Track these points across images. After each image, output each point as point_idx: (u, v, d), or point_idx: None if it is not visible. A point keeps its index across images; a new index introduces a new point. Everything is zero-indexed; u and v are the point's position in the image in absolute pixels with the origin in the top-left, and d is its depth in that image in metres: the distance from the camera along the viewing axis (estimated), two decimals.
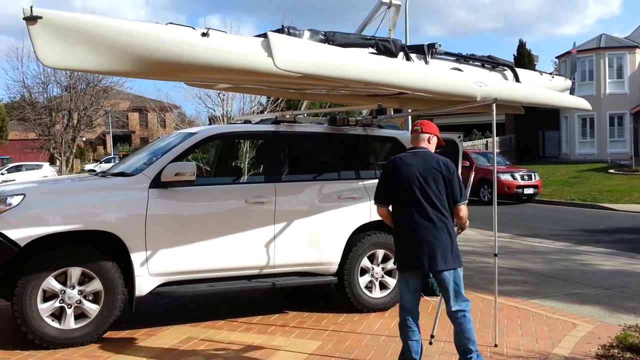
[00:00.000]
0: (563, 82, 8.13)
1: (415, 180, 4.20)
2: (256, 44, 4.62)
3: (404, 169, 4.26)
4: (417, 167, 4.24)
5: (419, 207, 4.18)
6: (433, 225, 4.16)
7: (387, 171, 4.39)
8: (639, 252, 10.80)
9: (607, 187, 23.01)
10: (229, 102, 15.43)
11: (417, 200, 4.19)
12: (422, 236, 4.16)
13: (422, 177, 4.21)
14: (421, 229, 4.16)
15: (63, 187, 5.76)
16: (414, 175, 4.21)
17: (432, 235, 4.16)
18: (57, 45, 3.96)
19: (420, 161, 4.28)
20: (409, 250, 4.23)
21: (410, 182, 4.21)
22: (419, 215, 4.18)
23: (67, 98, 28.92)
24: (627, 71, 33.29)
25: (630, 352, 5.05)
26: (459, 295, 4.29)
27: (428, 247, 4.15)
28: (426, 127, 4.52)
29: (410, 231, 4.21)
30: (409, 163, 4.28)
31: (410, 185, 4.20)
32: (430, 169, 4.23)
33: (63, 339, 4.99)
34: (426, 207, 4.17)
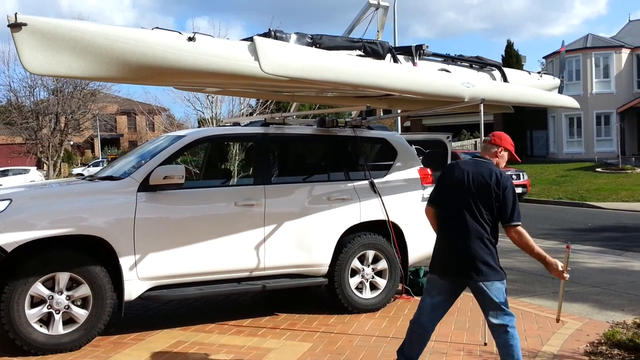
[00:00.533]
0: (551, 81, 8.18)
1: (461, 187, 4.06)
2: (243, 48, 4.62)
3: (456, 173, 4.13)
4: (468, 174, 4.08)
5: (459, 214, 4.04)
6: (469, 234, 3.99)
7: (443, 173, 4.28)
8: (626, 250, 10.89)
9: (595, 186, 23.22)
10: (218, 104, 15.40)
11: (459, 207, 4.04)
12: (456, 244, 4.02)
13: (469, 184, 4.04)
14: (457, 236, 4.03)
15: (50, 192, 5.72)
16: (462, 182, 4.06)
17: (466, 244, 3.99)
18: (42, 52, 3.95)
19: (474, 169, 4.11)
20: (443, 254, 4.12)
21: (457, 187, 4.07)
22: (458, 222, 4.03)
23: (54, 102, 28.73)
24: (614, 71, 33.60)
25: (618, 348, 5.10)
26: (499, 309, 4.03)
27: (459, 255, 4.01)
28: (495, 139, 4.30)
29: (447, 236, 4.11)
30: (462, 169, 4.13)
31: (456, 191, 4.08)
32: (479, 179, 4.05)
33: (51, 345, 4.95)
34: (466, 215, 4.01)
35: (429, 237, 6.79)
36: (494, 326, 4.06)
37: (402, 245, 6.55)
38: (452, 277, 4.08)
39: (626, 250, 10.92)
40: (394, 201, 6.51)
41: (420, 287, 7.01)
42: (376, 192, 6.41)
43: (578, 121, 33.95)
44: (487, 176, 4.05)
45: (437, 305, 4.18)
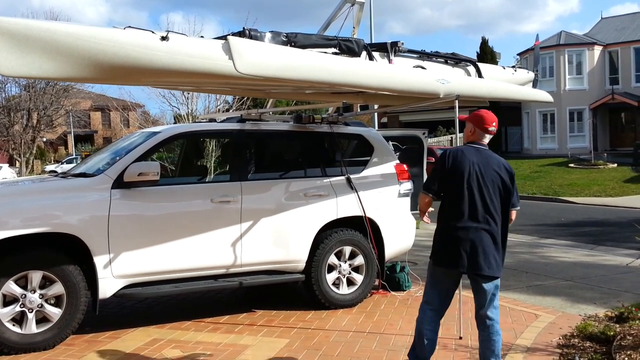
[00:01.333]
0: (526, 75, 8.28)
1: (474, 178, 4.02)
2: (217, 47, 4.60)
3: (465, 164, 4.04)
4: (478, 165, 4.05)
5: (471, 206, 4.00)
6: (482, 227, 3.99)
7: (446, 162, 4.11)
8: (598, 244, 11.09)
9: (568, 181, 23.60)
10: (194, 100, 15.28)
11: (472, 199, 4.00)
12: (468, 236, 3.98)
13: (481, 176, 4.03)
14: (469, 229, 3.99)
15: (23, 189, 5.63)
16: (474, 173, 4.02)
17: (479, 237, 3.97)
18: (13, 54, 3.89)
19: (482, 159, 4.09)
20: (451, 247, 4.05)
21: (469, 179, 4.02)
22: (470, 214, 4.00)
23: (26, 97, 28.22)
24: (586, 67, 34.15)
25: (590, 341, 5.19)
26: (493, 304, 4.12)
27: (472, 248, 3.97)
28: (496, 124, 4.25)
29: (456, 228, 4.03)
30: (471, 159, 4.06)
31: (468, 183, 4.02)
32: (490, 170, 4.06)
33: (25, 344, 4.88)
34: (479, 207, 3.99)
35: (405, 232, 6.89)
36: (486, 318, 4.10)
37: (379, 241, 6.58)
38: (462, 269, 4.04)
39: (598, 244, 11.11)
40: (371, 197, 6.54)
41: (397, 282, 7.07)
42: (353, 188, 6.43)
43: (552, 117, 34.44)
44: (497, 167, 4.08)
45: (445, 298, 4.20)
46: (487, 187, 4.03)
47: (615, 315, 5.97)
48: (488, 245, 4.00)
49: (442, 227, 4.16)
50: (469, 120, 4.32)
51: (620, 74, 34.11)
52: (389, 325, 5.77)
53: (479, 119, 4.24)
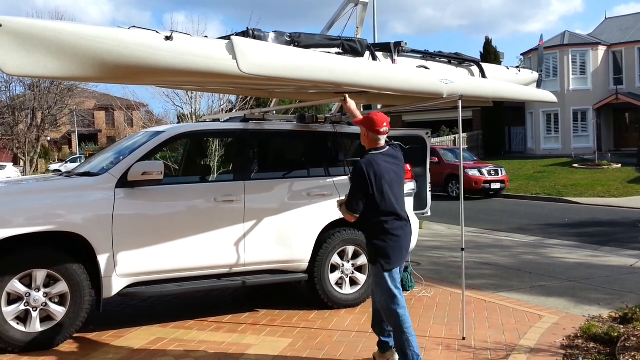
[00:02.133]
0: (530, 75, 8.25)
1: (392, 180, 4.39)
2: (221, 47, 4.60)
3: (384, 168, 4.34)
4: (392, 168, 4.41)
5: (401, 206, 4.42)
6: (407, 223, 4.47)
7: (370, 171, 4.28)
8: (602, 245, 11.07)
9: (572, 182, 23.55)
10: (197, 100, 15.27)
11: (396, 201, 4.37)
12: (406, 233, 4.43)
13: (398, 176, 4.46)
14: (405, 228, 4.42)
15: (27, 188, 5.65)
16: (393, 175, 4.40)
17: (408, 232, 4.47)
18: (18, 53, 3.90)
19: (395, 162, 4.49)
20: (401, 247, 4.41)
21: (391, 181, 4.35)
22: (402, 215, 4.39)
23: (30, 97, 28.26)
24: (590, 67, 34.06)
25: (594, 342, 5.18)
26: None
27: (407, 243, 4.49)
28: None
29: (401, 230, 4.37)
30: (384, 167, 4.35)
31: (389, 188, 4.32)
32: (399, 170, 4.50)
33: (28, 343, 4.89)
34: (401, 207, 4.43)
35: None
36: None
37: None
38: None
39: (602, 245, 11.09)
40: None
41: (401, 281, 7.05)
42: None
43: (555, 117, 34.36)
44: (396, 165, 4.50)
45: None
46: (398, 186, 4.42)
47: (619, 316, 5.96)
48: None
49: (389, 233, 4.32)
50: (361, 124, 4.52)
51: (624, 74, 34.01)
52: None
53: (370, 122, 4.43)
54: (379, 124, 4.39)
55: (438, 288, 7.29)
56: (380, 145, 4.44)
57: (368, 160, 4.34)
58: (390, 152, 4.47)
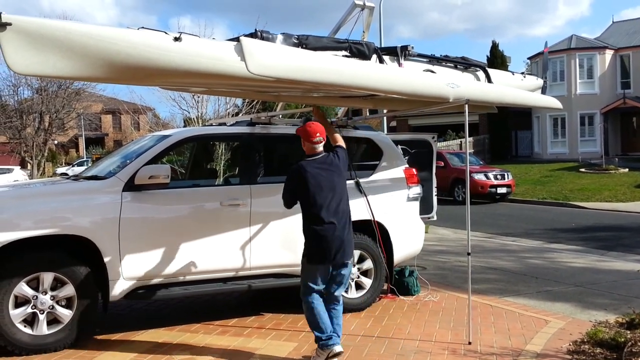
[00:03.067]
0: (535, 82, 8.25)
1: (317, 187, 4.77)
2: (229, 48, 4.61)
3: (311, 178, 4.77)
4: (323, 176, 4.81)
5: (330, 211, 4.81)
6: (333, 226, 4.81)
7: (296, 179, 4.82)
8: (609, 250, 11.02)
9: (578, 186, 23.45)
10: (203, 104, 15.31)
11: (330, 205, 4.81)
12: (330, 237, 4.75)
13: (323, 182, 4.80)
14: (329, 231, 4.77)
15: (35, 191, 5.68)
16: (316, 183, 4.78)
17: (333, 235, 4.78)
18: (27, 52, 3.91)
19: (328, 168, 4.87)
20: (323, 249, 4.76)
21: (315, 189, 4.75)
22: (326, 219, 4.75)
23: (38, 101, 28.43)
24: (597, 71, 33.95)
25: (600, 347, 5.16)
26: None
27: (332, 245, 4.75)
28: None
29: (323, 232, 4.74)
30: (316, 173, 4.78)
31: (314, 192, 4.76)
32: (332, 176, 4.86)
33: (36, 345, 4.92)
34: (331, 209, 4.82)
35: (414, 237, 6.89)
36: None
37: (388, 245, 6.58)
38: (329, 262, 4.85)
39: (609, 250, 11.04)
40: (380, 201, 6.54)
41: (406, 286, 7.06)
42: (362, 192, 6.44)
43: (562, 122, 34.26)
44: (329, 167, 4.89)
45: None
46: (329, 191, 4.75)
47: (626, 321, 5.93)
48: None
49: (306, 232, 4.84)
50: (299, 134, 4.98)
51: (631, 78, 33.87)
52: (397, 329, 5.77)
53: (305, 133, 4.90)
54: (312, 134, 4.86)
55: (444, 292, 7.28)
56: (315, 152, 4.88)
57: (298, 166, 4.84)
58: (324, 159, 4.88)
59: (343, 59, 5.52)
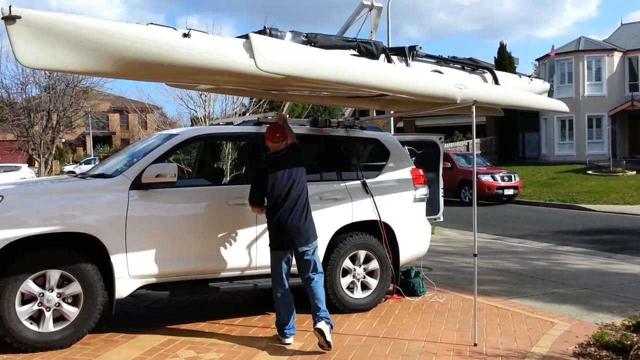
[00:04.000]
0: (541, 85, 8.23)
1: (276, 181, 5.30)
2: (238, 45, 4.61)
3: (269, 170, 5.32)
4: (282, 170, 5.33)
5: (287, 201, 5.34)
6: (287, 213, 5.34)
7: (259, 172, 5.41)
8: (616, 252, 10.97)
9: (585, 188, 23.34)
10: (211, 103, 15.34)
11: (284, 195, 5.34)
12: (284, 224, 5.29)
13: (281, 177, 5.33)
14: (283, 219, 5.31)
15: (42, 189, 5.70)
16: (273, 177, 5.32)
17: (287, 223, 5.31)
18: (36, 45, 3.92)
19: (286, 163, 5.39)
20: (279, 233, 5.30)
21: (273, 183, 5.28)
22: (280, 207, 5.29)
23: (46, 99, 28.52)
24: (606, 74, 33.78)
25: (606, 350, 5.14)
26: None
27: (286, 231, 5.27)
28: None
29: (278, 219, 5.29)
30: (274, 167, 5.32)
31: (272, 186, 5.29)
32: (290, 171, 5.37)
33: (42, 342, 4.94)
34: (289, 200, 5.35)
35: (420, 237, 6.87)
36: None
37: (394, 246, 6.57)
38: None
39: (616, 252, 10.99)
40: (386, 201, 6.53)
41: (412, 287, 7.05)
42: (368, 192, 6.44)
43: (570, 123, 34.10)
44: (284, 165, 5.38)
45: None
46: (286, 183, 5.26)
47: (632, 324, 5.90)
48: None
49: (268, 219, 5.38)
50: (265, 135, 5.54)
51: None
52: (403, 330, 5.76)
53: (267, 134, 5.51)
54: (269, 136, 5.47)
55: (450, 294, 7.26)
56: (276, 150, 5.43)
57: (261, 162, 5.58)
58: (284, 155, 5.40)
59: (352, 58, 5.51)
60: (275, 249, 5.32)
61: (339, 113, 32.95)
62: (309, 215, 5.36)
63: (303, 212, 5.29)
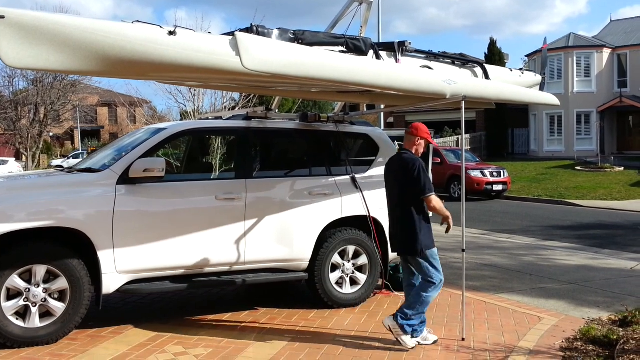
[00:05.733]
0: (533, 78, 8.24)
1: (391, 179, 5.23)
2: (224, 43, 4.58)
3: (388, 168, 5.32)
4: (393, 168, 5.25)
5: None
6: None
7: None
8: (603, 248, 11.05)
9: (574, 184, 23.51)
10: (200, 97, 15.28)
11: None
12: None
13: (395, 176, 5.22)
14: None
15: (29, 183, 5.64)
16: (391, 175, 5.25)
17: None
18: (20, 45, 3.88)
19: (397, 162, 5.23)
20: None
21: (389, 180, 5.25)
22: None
23: (33, 92, 28.32)
24: (595, 70, 34.00)
25: (593, 344, 5.17)
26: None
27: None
28: (413, 130, 5.26)
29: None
30: (390, 164, 5.31)
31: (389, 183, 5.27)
32: (397, 169, 5.19)
33: (28, 338, 4.90)
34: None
35: None
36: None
37: (383, 241, 6.58)
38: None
39: (603, 247, 11.08)
40: (375, 197, 6.52)
41: (400, 282, 7.04)
42: (357, 188, 6.43)
43: (559, 120, 34.31)
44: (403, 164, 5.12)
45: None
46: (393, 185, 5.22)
47: (619, 319, 5.95)
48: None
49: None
50: (419, 131, 5.30)
51: (628, 77, 33.94)
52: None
53: (425, 131, 5.32)
54: (427, 132, 5.35)
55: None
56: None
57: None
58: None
59: (339, 55, 5.50)
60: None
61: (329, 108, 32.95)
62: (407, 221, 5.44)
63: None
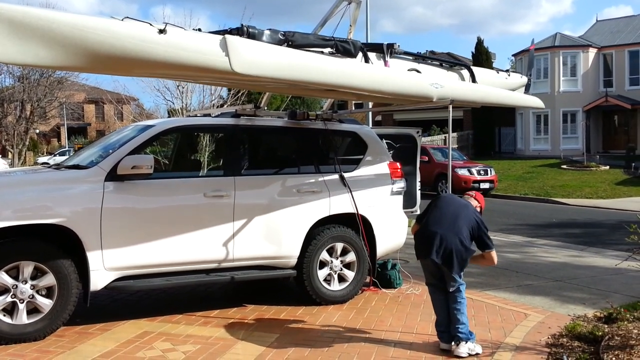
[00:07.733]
0: (519, 80, 8.33)
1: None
2: (214, 43, 4.59)
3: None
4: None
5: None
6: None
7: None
8: (588, 245, 11.17)
9: (560, 182, 23.71)
10: (188, 95, 15.21)
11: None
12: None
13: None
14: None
15: (15, 180, 5.61)
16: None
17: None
18: (9, 40, 3.87)
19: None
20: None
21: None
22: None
23: (19, 89, 28.02)
24: (581, 69, 34.25)
25: (578, 341, 5.24)
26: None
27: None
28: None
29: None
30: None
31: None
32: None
33: (15, 334, 4.88)
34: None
35: (397, 230, 6.92)
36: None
37: (371, 238, 6.61)
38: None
39: (589, 245, 11.19)
40: (364, 195, 6.56)
41: (388, 279, 7.10)
42: (346, 186, 6.46)
43: (545, 119, 34.53)
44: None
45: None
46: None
47: (604, 315, 6.03)
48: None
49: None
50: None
51: (614, 77, 34.22)
52: (379, 322, 5.81)
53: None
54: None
55: (426, 286, 7.31)
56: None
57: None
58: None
59: (328, 58, 5.53)
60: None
61: (317, 106, 32.93)
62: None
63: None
